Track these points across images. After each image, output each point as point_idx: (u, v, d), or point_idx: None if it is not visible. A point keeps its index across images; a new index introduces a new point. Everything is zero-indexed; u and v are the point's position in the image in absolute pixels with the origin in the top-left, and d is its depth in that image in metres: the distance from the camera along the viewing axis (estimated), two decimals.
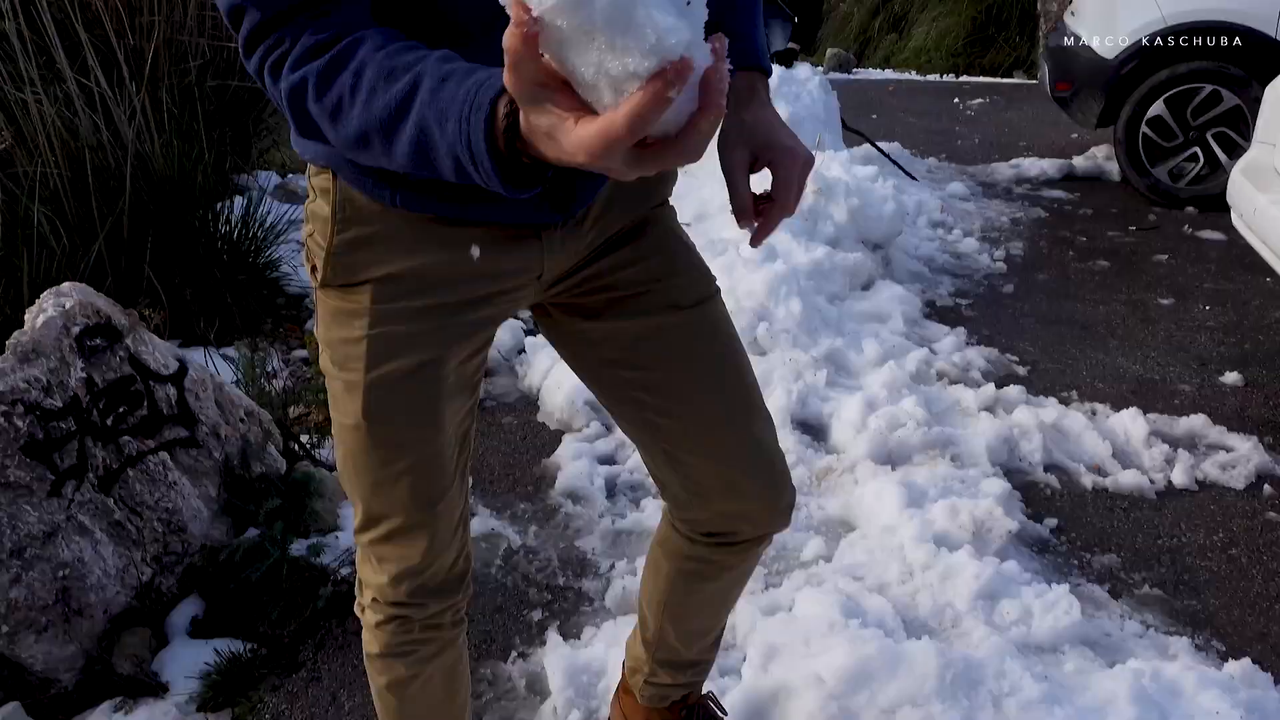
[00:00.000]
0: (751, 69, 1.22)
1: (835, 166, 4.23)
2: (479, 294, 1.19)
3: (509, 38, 0.62)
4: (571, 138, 0.65)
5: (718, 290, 1.36)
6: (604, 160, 0.65)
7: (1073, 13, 5.83)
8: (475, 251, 1.13)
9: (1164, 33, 5.07)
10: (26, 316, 2.18)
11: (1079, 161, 6.09)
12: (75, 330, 2.18)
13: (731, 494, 1.37)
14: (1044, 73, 5.94)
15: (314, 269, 1.18)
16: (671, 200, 1.36)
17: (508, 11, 0.62)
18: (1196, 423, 3.07)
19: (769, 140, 1.16)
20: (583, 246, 1.24)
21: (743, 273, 3.35)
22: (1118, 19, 5.23)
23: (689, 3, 0.64)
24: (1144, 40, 5.11)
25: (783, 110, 4.96)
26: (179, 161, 3.75)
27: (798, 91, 5.07)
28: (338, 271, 1.16)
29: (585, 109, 0.65)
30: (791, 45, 5.63)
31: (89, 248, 3.41)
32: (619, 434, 2.92)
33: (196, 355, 3.19)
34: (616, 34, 0.61)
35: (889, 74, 10.06)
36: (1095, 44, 5.33)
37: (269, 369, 3.33)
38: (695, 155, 0.67)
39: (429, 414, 1.20)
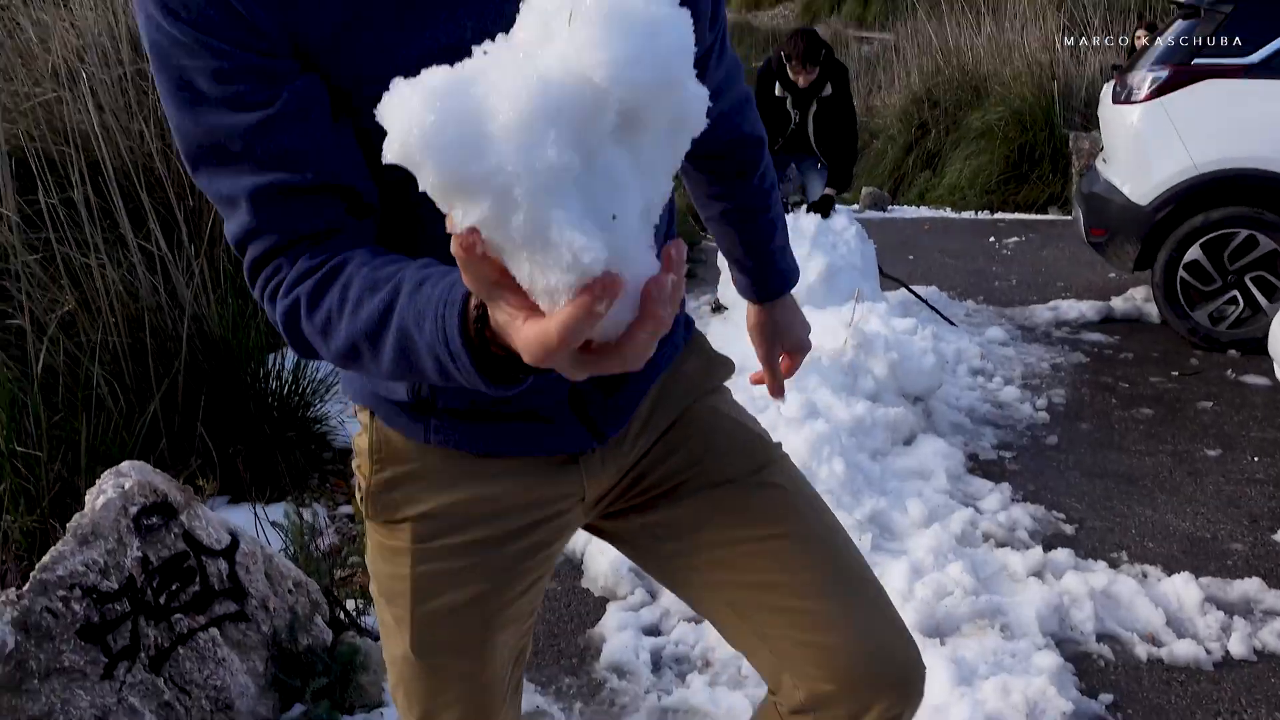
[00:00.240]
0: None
1: (874, 320, 4.28)
2: (520, 525, 1.20)
3: (453, 246, 0.63)
4: (518, 337, 0.65)
5: (780, 456, 1.32)
6: (547, 363, 0.65)
7: (1104, 160, 5.93)
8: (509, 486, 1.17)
9: (1196, 181, 5.14)
10: (87, 497, 2.24)
11: (1118, 303, 6.11)
12: (133, 510, 2.23)
13: (844, 675, 1.20)
14: (1078, 217, 6.01)
15: (361, 499, 1.21)
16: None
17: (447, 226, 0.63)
18: (1251, 586, 3.01)
19: (795, 341, 1.54)
20: (629, 460, 1.25)
21: (785, 432, 3.37)
22: (1149, 167, 5.31)
23: (614, 217, 0.64)
24: (1176, 188, 5.18)
25: (820, 261, 5.05)
26: (233, 320, 3.87)
27: (834, 241, 5.17)
28: (378, 509, 1.19)
29: (536, 307, 0.65)
30: (828, 191, 5.75)
31: (145, 408, 3.49)
32: (664, 602, 2.91)
33: (245, 515, 3.24)
34: (536, 251, 0.62)
35: (924, 211, 10.20)
36: (1128, 191, 5.40)
37: (316, 528, 3.37)
38: (636, 363, 0.66)
39: (479, 648, 1.21)
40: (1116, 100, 5.55)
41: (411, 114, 0.63)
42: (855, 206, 10.32)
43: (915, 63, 12.89)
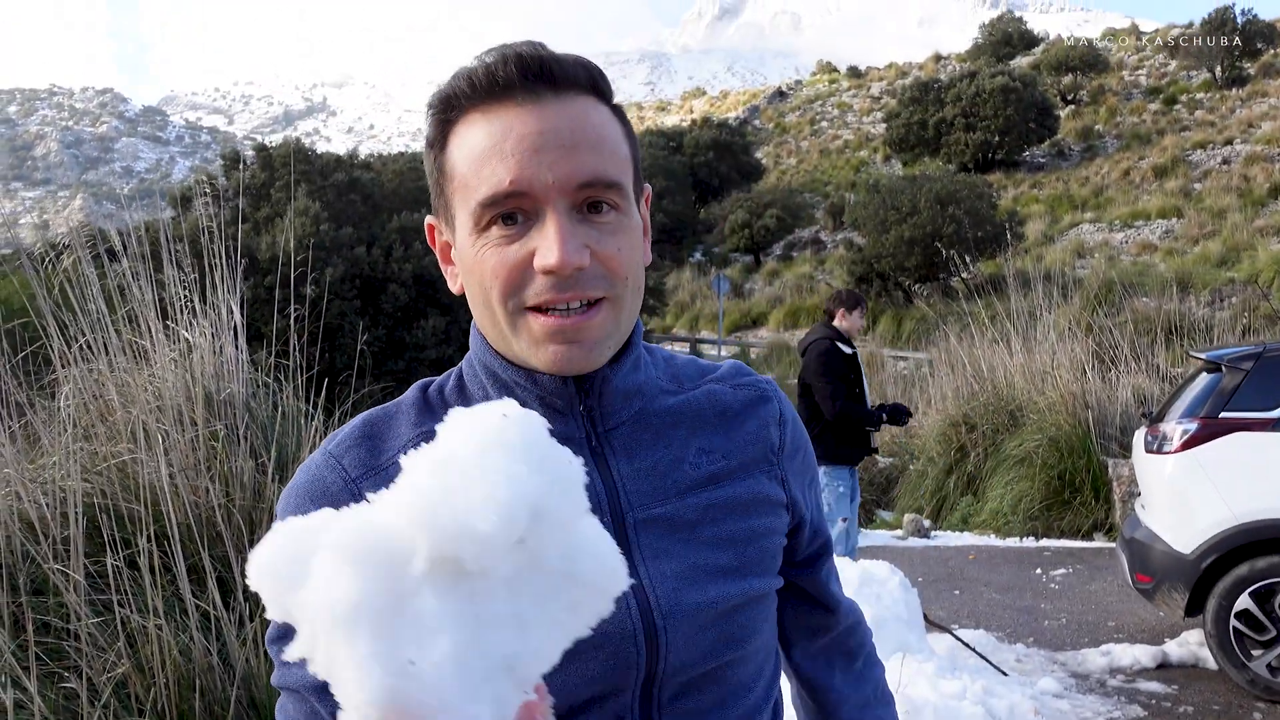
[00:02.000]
0: None
1: (921, 682, 4.22)
2: None
3: None
4: None
5: None
6: None
7: (1143, 505, 5.98)
8: None
9: (1236, 531, 5.15)
10: None
11: (1172, 648, 5.96)
12: None
13: None
14: (1123, 561, 5.98)
15: None
16: None
17: None
18: None
19: None
20: None
21: None
22: (1189, 516, 5.35)
23: (412, 663, 0.65)
24: (1218, 538, 5.19)
25: (866, 612, 5.03)
26: None
27: (878, 592, 5.17)
28: None
29: None
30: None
31: None
32: None
33: None
34: (334, 684, 0.66)
35: (968, 538, 10.16)
36: (1169, 539, 5.42)
37: None
38: None
39: None
40: (1149, 450, 5.67)
41: (265, 546, 0.70)
42: (898, 533, 10.31)
43: (951, 385, 13.21)
